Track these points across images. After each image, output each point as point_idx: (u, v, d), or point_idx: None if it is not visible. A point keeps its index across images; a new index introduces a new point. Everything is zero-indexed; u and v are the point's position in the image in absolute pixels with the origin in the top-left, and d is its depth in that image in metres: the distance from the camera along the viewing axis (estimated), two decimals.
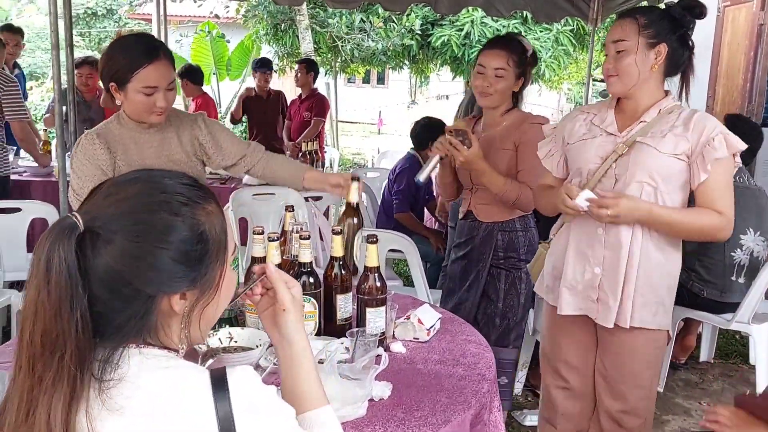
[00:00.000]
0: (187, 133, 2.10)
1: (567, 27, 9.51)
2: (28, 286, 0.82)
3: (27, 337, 0.81)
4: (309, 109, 5.65)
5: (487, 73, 2.31)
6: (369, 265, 1.73)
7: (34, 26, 16.53)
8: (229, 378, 0.87)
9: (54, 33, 3.03)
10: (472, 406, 1.42)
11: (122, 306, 0.85)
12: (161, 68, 1.89)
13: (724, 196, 1.81)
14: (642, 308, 1.88)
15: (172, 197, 0.89)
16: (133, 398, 0.83)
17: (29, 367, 0.80)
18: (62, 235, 0.82)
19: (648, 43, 1.82)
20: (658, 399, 3.18)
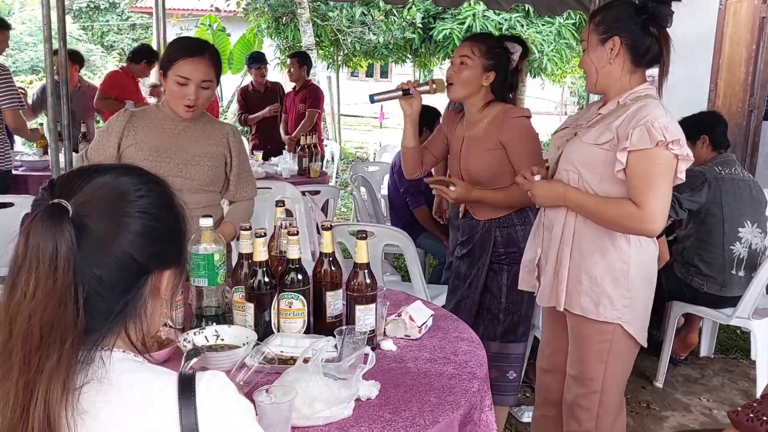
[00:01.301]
0: (217, 132, 2.24)
1: (569, 20, 9.45)
2: (19, 279, 0.79)
3: (22, 332, 0.78)
4: (303, 101, 5.61)
5: (454, 61, 2.33)
6: (358, 261, 1.70)
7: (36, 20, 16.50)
8: (197, 386, 0.85)
9: (47, 26, 3.00)
10: (461, 406, 1.39)
11: (121, 287, 0.85)
12: (198, 65, 2.05)
13: (641, 188, 1.73)
14: (581, 295, 1.89)
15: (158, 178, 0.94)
16: (107, 403, 0.82)
17: (24, 363, 0.78)
18: (57, 220, 0.80)
19: (600, 39, 1.85)
20: (658, 394, 3.18)
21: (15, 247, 0.81)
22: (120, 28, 19.50)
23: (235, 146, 2.28)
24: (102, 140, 2.16)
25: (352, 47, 10.05)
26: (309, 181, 4.45)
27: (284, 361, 1.52)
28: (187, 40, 2.23)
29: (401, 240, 2.85)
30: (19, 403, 0.77)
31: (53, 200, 0.83)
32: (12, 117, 3.75)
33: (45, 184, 0.89)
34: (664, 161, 1.73)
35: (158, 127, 2.16)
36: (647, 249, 1.90)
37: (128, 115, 2.16)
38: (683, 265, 3.15)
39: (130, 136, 2.14)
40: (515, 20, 9.39)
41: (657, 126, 1.71)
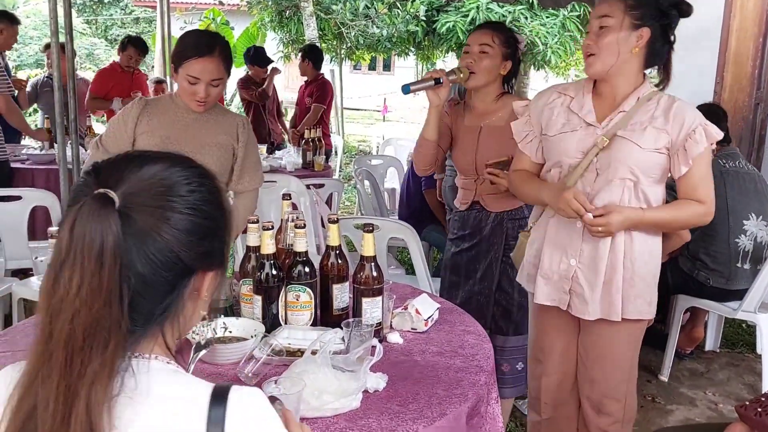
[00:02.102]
0: (228, 122, 2.27)
1: (574, 12, 9.41)
2: (62, 275, 0.73)
3: (65, 332, 0.73)
4: (310, 95, 5.61)
5: (472, 50, 2.29)
6: (365, 254, 1.70)
7: (41, 14, 16.50)
8: (229, 401, 0.79)
9: (53, 20, 3.00)
10: (468, 399, 1.40)
11: (164, 288, 0.80)
12: (208, 64, 2.06)
13: (704, 185, 1.83)
14: (637, 299, 1.87)
15: (208, 172, 0.87)
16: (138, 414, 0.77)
17: (66, 366, 0.73)
18: (104, 211, 0.75)
19: (633, 23, 1.78)
20: (663, 388, 3.18)
21: (57, 239, 0.76)
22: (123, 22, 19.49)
23: (243, 136, 2.30)
24: (118, 128, 2.19)
25: (355, 40, 10.03)
26: (313, 174, 4.46)
27: (292, 353, 1.53)
28: (197, 36, 2.19)
29: (406, 233, 2.85)
30: (60, 409, 0.73)
31: (99, 189, 0.77)
32: (4, 103, 3.76)
33: (88, 168, 0.84)
34: (710, 157, 1.84)
35: (170, 116, 2.19)
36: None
37: (143, 103, 2.20)
38: (688, 259, 3.14)
39: (143, 123, 2.17)
40: (519, 12, 9.35)
41: (708, 128, 1.78)
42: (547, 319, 2.05)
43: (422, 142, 2.37)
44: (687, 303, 3.20)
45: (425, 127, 2.35)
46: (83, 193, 0.78)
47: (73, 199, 0.79)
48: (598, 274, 1.85)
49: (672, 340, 3.24)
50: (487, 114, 2.34)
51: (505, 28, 2.38)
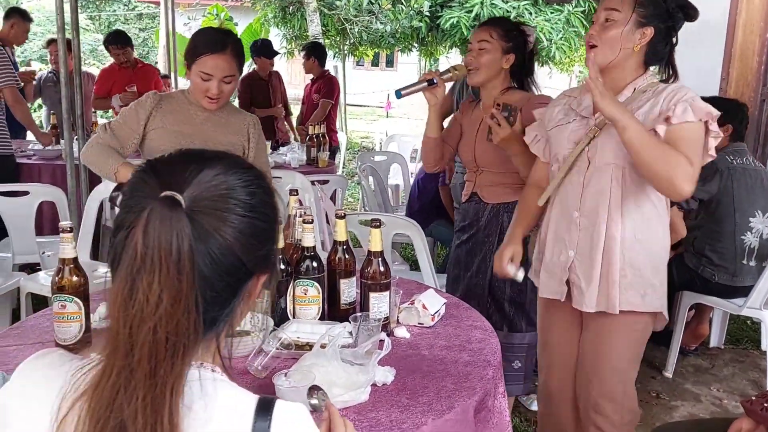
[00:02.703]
0: (239, 122, 2.28)
1: (578, 8, 9.39)
2: (139, 284, 0.71)
3: (147, 344, 0.71)
4: (317, 91, 5.62)
5: (473, 47, 2.31)
6: (372, 249, 1.71)
7: (45, 10, 16.53)
8: (273, 416, 0.77)
9: (60, 16, 3.01)
10: (476, 392, 1.41)
11: (227, 293, 0.79)
12: (220, 61, 2.08)
13: (693, 151, 1.70)
14: (627, 290, 1.84)
15: (263, 173, 0.85)
16: (193, 423, 0.76)
17: (151, 377, 0.71)
18: (176, 215, 0.73)
19: (638, 21, 1.78)
20: (668, 384, 3.18)
21: (128, 246, 0.73)
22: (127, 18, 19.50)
23: (254, 136, 2.31)
24: (130, 115, 2.19)
25: (358, 36, 10.02)
26: (317, 170, 4.46)
27: (300, 347, 1.54)
28: (210, 33, 2.21)
29: (411, 230, 2.86)
30: (150, 422, 0.72)
31: (166, 192, 0.75)
32: (10, 94, 3.77)
33: (142, 167, 0.82)
34: (701, 135, 1.74)
35: (184, 113, 2.20)
36: (667, 233, 1.90)
37: (158, 98, 2.21)
38: (694, 255, 3.14)
39: (157, 118, 2.18)
40: (523, 8, 9.33)
41: (699, 105, 1.71)
42: (551, 314, 2.07)
43: (425, 139, 2.44)
44: (692, 299, 3.20)
45: (427, 125, 2.40)
46: (144, 194, 0.77)
47: (133, 200, 0.77)
48: (594, 264, 1.85)
49: (677, 337, 3.25)
50: (491, 108, 2.35)
51: (505, 22, 2.39)
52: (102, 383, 0.73)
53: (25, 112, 4.08)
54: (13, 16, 4.62)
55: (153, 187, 0.77)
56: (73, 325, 1.52)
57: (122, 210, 0.78)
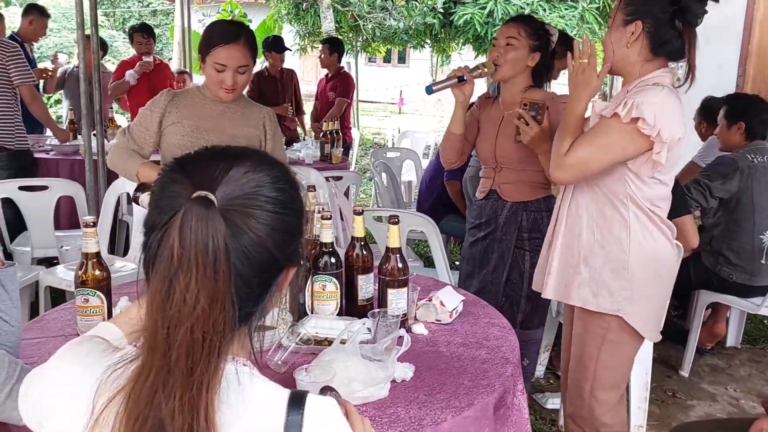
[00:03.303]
0: (255, 115, 2.30)
1: (593, 5, 9.30)
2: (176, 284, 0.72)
3: (185, 343, 0.72)
4: (333, 89, 5.61)
5: (499, 43, 2.31)
6: (391, 245, 1.72)
7: (60, 6, 16.64)
8: (306, 410, 0.79)
9: (79, 12, 3.03)
10: (495, 390, 1.41)
11: (261, 288, 0.80)
12: (234, 51, 2.09)
13: (580, 140, 1.78)
14: (581, 287, 1.87)
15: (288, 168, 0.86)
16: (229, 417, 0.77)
17: (189, 376, 0.72)
18: (211, 215, 0.73)
19: (624, 19, 1.79)
20: (684, 383, 3.17)
21: (163, 247, 0.74)
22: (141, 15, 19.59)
23: (270, 129, 2.32)
24: (145, 117, 2.21)
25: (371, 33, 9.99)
26: (330, 166, 4.47)
27: (319, 342, 1.55)
28: (223, 25, 2.25)
29: (426, 226, 2.86)
30: (187, 420, 0.73)
31: (198, 192, 0.75)
32: (28, 92, 3.81)
33: (169, 166, 0.82)
34: (614, 134, 1.73)
35: (199, 107, 2.22)
36: (652, 241, 1.82)
37: (171, 95, 2.23)
38: (711, 254, 3.12)
39: (172, 114, 2.19)
40: (537, 4, 9.26)
41: (629, 103, 1.70)
42: (566, 310, 2.13)
43: (449, 135, 2.42)
44: (709, 298, 3.18)
45: (452, 121, 2.38)
46: (175, 194, 0.77)
47: (165, 201, 0.78)
48: (552, 252, 1.95)
49: (693, 336, 3.23)
50: (513, 105, 2.35)
51: (533, 20, 2.38)
52: (140, 382, 0.74)
53: (42, 109, 4.11)
54: (32, 13, 4.67)
55: (184, 187, 0.77)
56: (96, 319, 1.54)
57: (154, 210, 0.79)
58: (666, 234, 1.85)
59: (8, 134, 3.76)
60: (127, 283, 2.10)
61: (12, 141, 3.77)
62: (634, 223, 1.81)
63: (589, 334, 1.91)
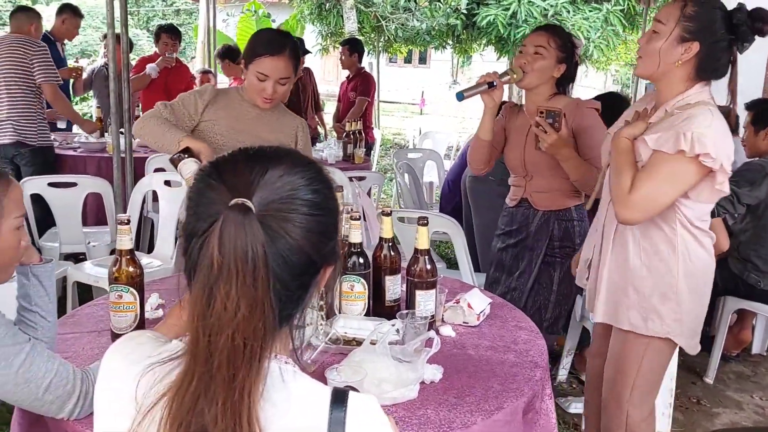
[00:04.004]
0: (288, 124, 2.32)
1: (617, 6, 9.22)
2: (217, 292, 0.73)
3: (227, 350, 0.74)
4: (354, 89, 5.64)
5: (527, 50, 2.29)
6: (419, 247, 1.72)
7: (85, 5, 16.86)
8: (349, 407, 0.80)
9: (110, 12, 3.08)
10: (524, 394, 1.41)
11: (300, 290, 0.81)
12: (278, 63, 2.11)
13: (642, 177, 1.69)
14: (629, 310, 1.82)
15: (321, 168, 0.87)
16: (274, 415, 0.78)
17: (231, 381, 0.74)
18: (249, 223, 0.74)
19: (681, 35, 1.70)
20: (708, 390, 3.13)
21: (203, 255, 0.75)
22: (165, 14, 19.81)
23: (302, 139, 2.34)
24: (189, 100, 2.20)
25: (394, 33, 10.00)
26: (353, 167, 4.49)
27: (348, 342, 1.55)
28: (270, 35, 2.27)
29: (451, 228, 2.86)
30: (230, 425, 0.74)
31: (236, 199, 0.76)
32: (50, 91, 3.86)
33: (205, 170, 0.83)
34: (678, 169, 1.66)
35: (237, 109, 2.24)
36: (697, 260, 1.80)
37: (215, 92, 2.25)
38: (739, 261, 3.08)
39: (211, 110, 2.21)
40: (561, 6, 9.20)
41: (688, 136, 1.62)
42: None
43: (477, 141, 2.42)
44: (735, 305, 3.14)
45: (480, 127, 2.38)
46: (212, 200, 0.78)
47: (202, 207, 0.78)
48: (600, 277, 1.89)
49: (719, 342, 3.19)
50: (534, 114, 2.34)
51: (563, 32, 2.38)
52: (182, 389, 0.75)
53: (65, 106, 4.16)
54: (65, 12, 4.75)
55: (221, 193, 0.78)
56: (129, 315, 1.56)
57: (191, 217, 0.80)
58: (708, 249, 1.82)
59: (31, 131, 3.82)
60: (156, 280, 2.13)
61: (34, 137, 3.83)
62: (680, 245, 1.77)
63: (628, 349, 1.88)
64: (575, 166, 2.21)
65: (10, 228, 1.25)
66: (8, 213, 1.24)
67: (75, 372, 1.24)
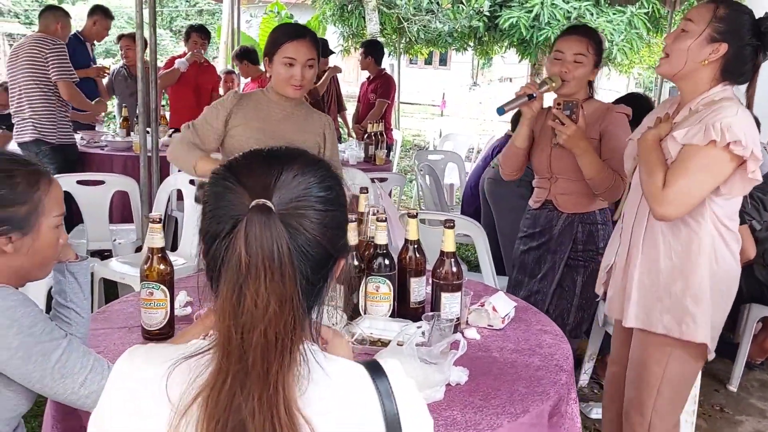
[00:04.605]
0: (315, 122, 2.35)
1: (642, 9, 9.14)
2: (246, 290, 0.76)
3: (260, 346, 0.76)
4: (374, 91, 5.66)
5: (566, 58, 2.26)
6: (446, 249, 1.73)
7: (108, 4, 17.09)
8: (388, 373, 0.85)
9: (139, 13, 3.13)
10: (550, 397, 1.41)
11: (320, 282, 0.85)
12: (301, 46, 2.17)
13: (675, 173, 1.69)
14: (664, 314, 1.80)
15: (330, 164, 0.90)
16: (320, 394, 0.81)
17: (265, 376, 0.77)
18: (272, 223, 0.77)
19: (711, 35, 1.71)
20: (732, 398, 3.10)
21: (230, 256, 0.77)
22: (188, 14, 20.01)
23: (329, 137, 2.37)
24: (211, 115, 2.26)
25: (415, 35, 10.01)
26: (374, 168, 4.51)
27: (373, 343, 1.57)
28: (288, 25, 2.36)
29: (473, 230, 2.86)
30: (268, 417, 0.76)
31: (257, 201, 0.79)
32: (64, 87, 3.92)
33: (219, 174, 0.85)
34: (710, 160, 1.67)
35: (264, 110, 2.27)
36: (723, 262, 1.79)
37: (237, 97, 2.28)
38: (764, 268, 3.04)
39: (238, 116, 2.24)
40: (585, 8, 9.15)
41: (717, 126, 1.63)
42: (617, 324, 2.08)
43: (513, 149, 2.42)
44: (761, 312, 3.10)
45: (517, 135, 2.38)
46: (231, 203, 0.81)
47: (222, 210, 0.81)
48: (630, 280, 1.87)
49: (743, 350, 3.15)
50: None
51: (597, 35, 2.36)
52: (217, 386, 0.77)
53: (82, 101, 4.20)
54: (96, 14, 4.84)
55: (241, 195, 0.81)
56: (159, 312, 1.59)
57: (211, 219, 0.82)
58: (734, 253, 1.81)
59: (50, 129, 3.89)
60: (182, 277, 2.16)
61: (54, 135, 3.90)
62: (708, 245, 1.76)
63: (649, 355, 1.87)
64: (591, 161, 2.20)
65: (49, 226, 1.28)
66: (48, 211, 1.27)
67: (110, 368, 1.27)
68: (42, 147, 3.87)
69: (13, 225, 1.23)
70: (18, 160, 1.29)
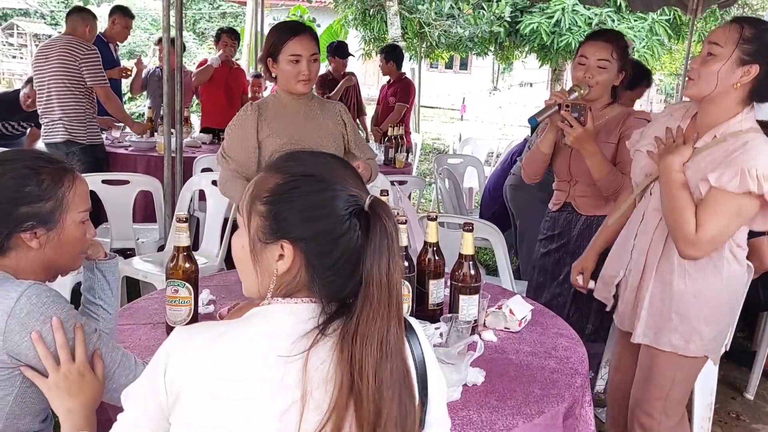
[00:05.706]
0: (331, 111, 2.41)
1: (663, 16, 9.10)
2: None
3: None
4: (394, 94, 5.70)
5: (590, 63, 2.27)
6: (464, 252, 1.76)
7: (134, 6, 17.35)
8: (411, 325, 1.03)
9: (165, 17, 3.20)
10: (565, 400, 1.43)
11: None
12: (304, 41, 2.22)
13: (707, 215, 1.66)
14: (671, 333, 1.82)
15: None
16: None
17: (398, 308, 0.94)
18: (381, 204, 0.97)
19: (741, 58, 1.68)
20: (748, 406, 3.08)
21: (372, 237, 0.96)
22: (211, 17, 20.24)
23: (348, 121, 2.43)
24: (238, 137, 2.27)
25: (436, 40, 10.05)
26: (394, 171, 4.54)
27: None
28: (286, 24, 2.38)
29: (492, 234, 2.88)
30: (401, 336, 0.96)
31: (368, 197, 0.98)
32: (102, 93, 4.01)
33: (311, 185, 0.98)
34: (744, 207, 1.66)
35: (284, 115, 2.30)
36: (734, 275, 1.81)
37: (256, 108, 2.29)
38: None
39: (264, 127, 2.27)
40: (606, 15, 9.14)
41: (754, 173, 1.61)
42: (619, 333, 2.11)
43: (537, 153, 2.42)
44: None
45: (543, 140, 2.39)
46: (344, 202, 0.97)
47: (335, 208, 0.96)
48: (640, 299, 1.89)
49: (760, 358, 3.13)
50: None
51: (623, 39, 2.35)
52: (364, 323, 0.92)
53: (117, 108, 4.30)
54: (116, 13, 4.92)
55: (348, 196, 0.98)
56: (184, 309, 1.63)
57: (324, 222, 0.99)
58: (741, 261, 1.82)
59: (81, 130, 3.97)
60: (205, 276, 2.21)
61: (84, 136, 3.98)
62: (726, 268, 1.77)
63: (659, 367, 1.89)
64: (599, 162, 2.21)
65: (74, 221, 1.31)
66: (74, 207, 1.31)
67: (137, 362, 1.31)
68: (72, 148, 3.95)
69: (38, 221, 1.25)
70: (43, 158, 1.32)
